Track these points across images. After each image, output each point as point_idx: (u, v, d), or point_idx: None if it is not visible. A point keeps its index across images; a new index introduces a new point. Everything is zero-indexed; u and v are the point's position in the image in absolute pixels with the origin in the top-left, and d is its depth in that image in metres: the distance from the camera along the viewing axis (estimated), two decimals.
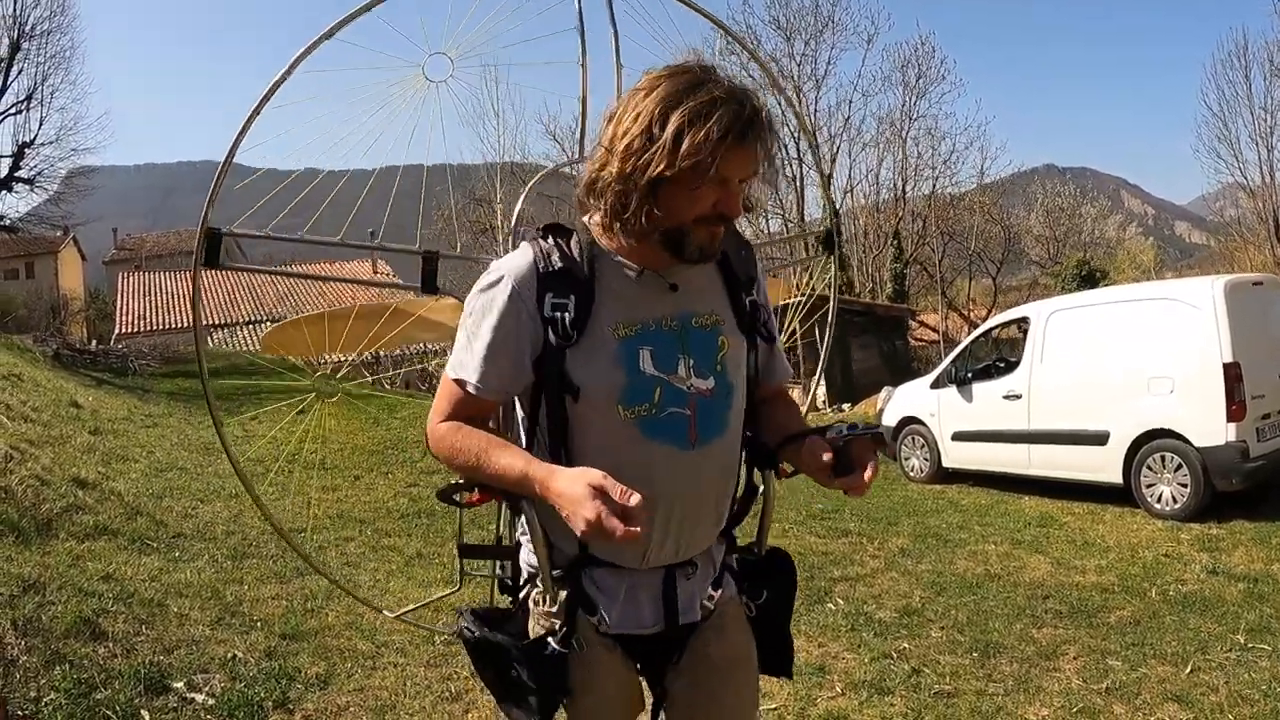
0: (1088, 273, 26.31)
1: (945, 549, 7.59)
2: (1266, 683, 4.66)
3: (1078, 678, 4.84)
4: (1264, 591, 6.18)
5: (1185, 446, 8.21)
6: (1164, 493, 8.39)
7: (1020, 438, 9.63)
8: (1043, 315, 9.74)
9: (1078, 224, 44.14)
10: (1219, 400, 7.99)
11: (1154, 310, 8.80)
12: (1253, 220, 33.12)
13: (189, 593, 5.47)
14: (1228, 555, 7.13)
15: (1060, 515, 8.73)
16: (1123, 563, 7.03)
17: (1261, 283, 9.13)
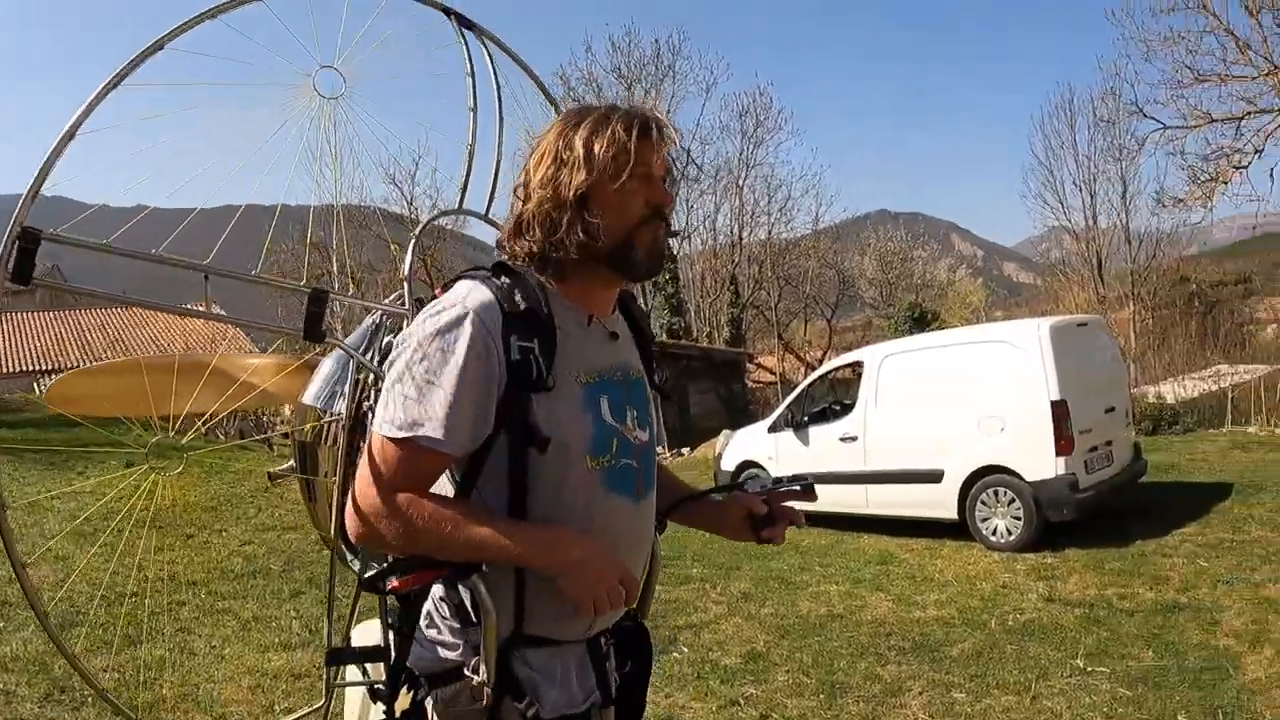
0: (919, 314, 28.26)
1: (788, 591, 8.12)
2: (1107, 704, 5.26)
3: (924, 712, 5.32)
4: (1099, 616, 6.89)
5: (1017, 481, 9.08)
6: (998, 526, 9.21)
7: (857, 478, 10.34)
8: (876, 359, 10.56)
9: (909, 267, 47.75)
10: (1047, 436, 8.89)
11: (983, 352, 9.77)
12: (1077, 261, 36.67)
13: (15, 667, 5.46)
14: (1063, 583, 7.86)
15: (899, 552, 9.39)
16: (962, 596, 7.67)
17: (1086, 323, 10.24)
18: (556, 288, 1.85)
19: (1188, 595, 7.32)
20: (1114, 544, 8.98)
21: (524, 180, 1.87)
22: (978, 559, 8.97)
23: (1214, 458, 14.37)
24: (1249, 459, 14.05)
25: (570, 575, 1.71)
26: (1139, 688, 5.54)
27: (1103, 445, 9.54)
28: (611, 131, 1.79)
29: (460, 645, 1.83)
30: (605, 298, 1.96)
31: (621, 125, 1.81)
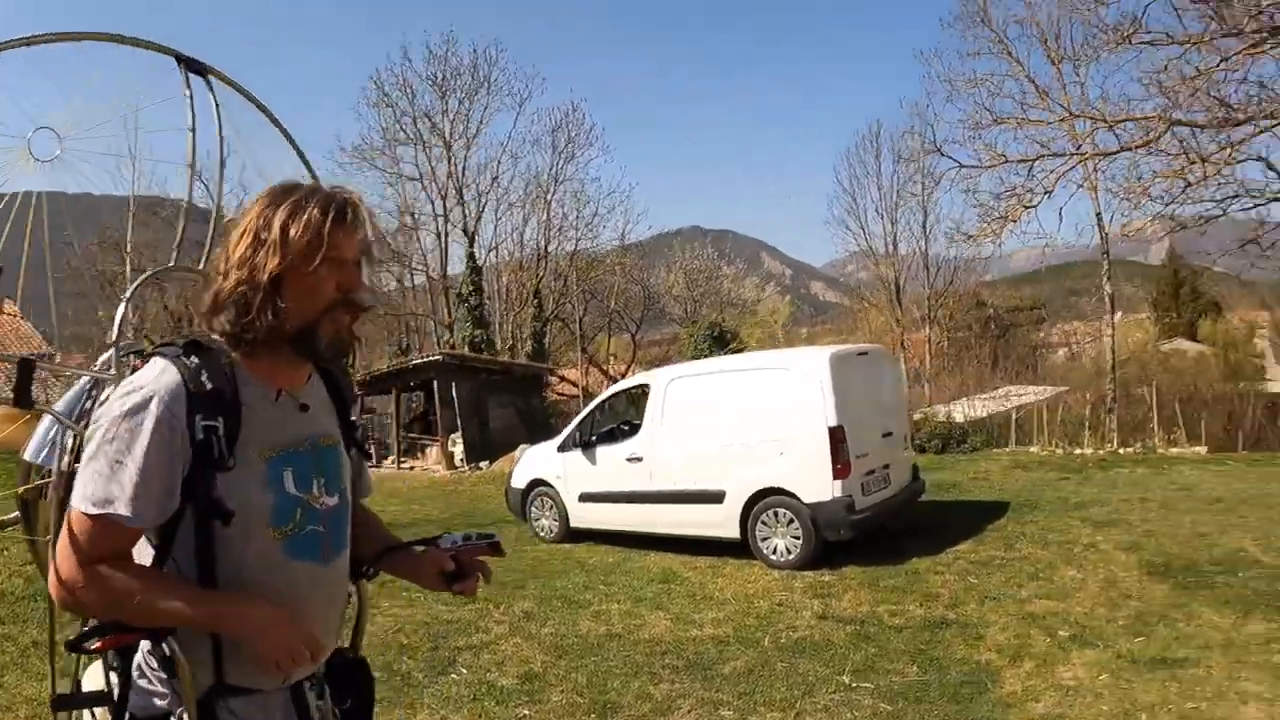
0: (719, 333, 28.89)
1: (570, 610, 8.19)
2: (868, 719, 5.53)
3: None
4: (870, 632, 7.15)
5: (796, 503, 9.40)
6: (779, 545, 9.50)
7: (643, 498, 10.57)
8: (662, 382, 10.81)
9: (714, 284, 49.06)
10: (825, 461, 9.25)
11: (766, 379, 10.12)
12: (877, 285, 38.42)
13: None
14: (838, 600, 8.14)
15: (683, 570, 9.57)
16: (739, 614, 7.84)
17: (867, 352, 10.73)
18: (245, 364, 1.93)
19: (956, 611, 7.66)
20: (890, 562, 9.35)
21: (224, 256, 1.92)
22: (758, 577, 9.19)
23: (996, 476, 15.18)
24: (1028, 478, 14.90)
25: (253, 641, 1.81)
26: (899, 702, 5.75)
27: (880, 468, 9.99)
28: (307, 216, 1.86)
29: (169, 695, 1.90)
30: (295, 373, 2.04)
31: (318, 209, 1.87)
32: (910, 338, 37.43)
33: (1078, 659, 6.39)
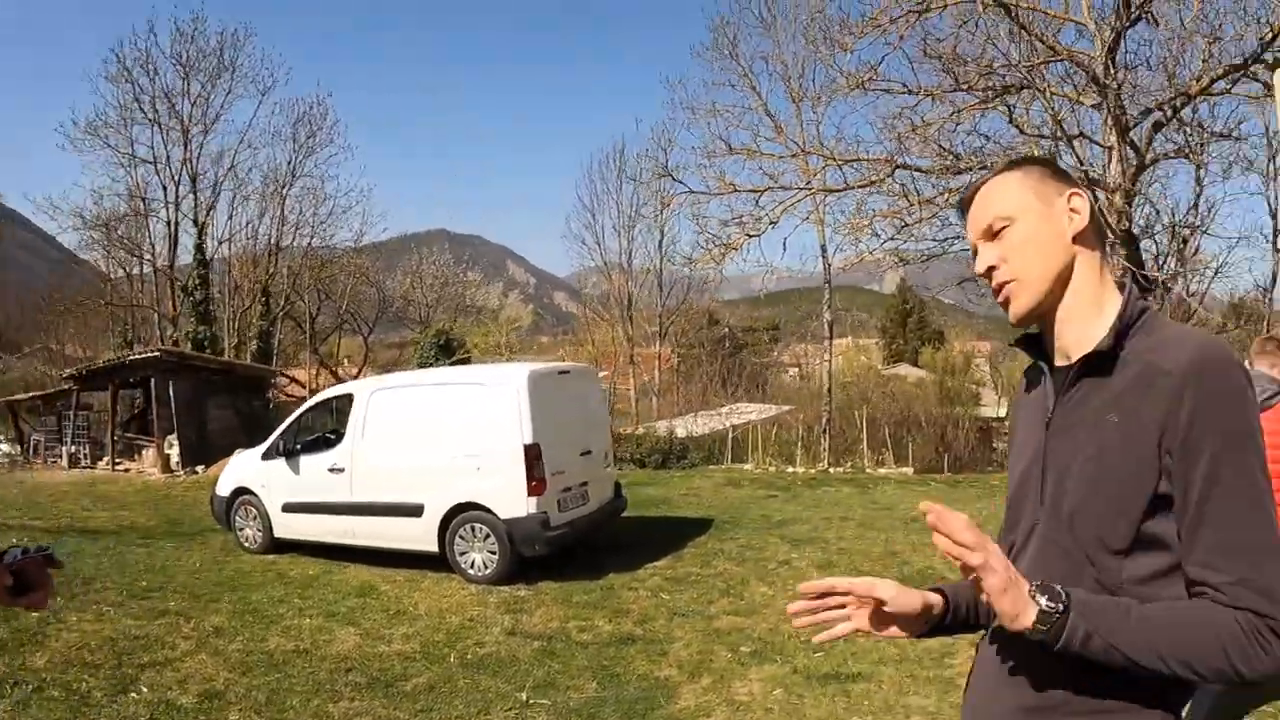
0: (446, 342, 28.84)
1: (261, 625, 8.09)
2: None
3: None
4: (556, 649, 7.34)
5: (492, 518, 9.57)
6: (476, 559, 9.66)
7: (345, 509, 10.53)
8: (366, 392, 10.80)
9: (452, 290, 48.80)
10: (520, 477, 9.47)
11: (466, 394, 10.23)
12: (612, 300, 39.23)
13: None
14: (529, 616, 8.33)
15: (381, 584, 9.59)
16: (429, 630, 7.94)
17: (569, 371, 11.00)
18: None
19: (644, 627, 7.98)
20: (587, 577, 9.65)
21: None
22: (455, 592, 9.31)
23: (706, 493, 15.79)
24: (737, 495, 15.58)
25: None
26: (574, 719, 6.00)
27: (578, 485, 10.29)
28: None
29: None
30: None
31: None
32: (641, 353, 38.36)
33: (755, 674, 6.74)
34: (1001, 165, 1.91)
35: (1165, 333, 1.72)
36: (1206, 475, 1.56)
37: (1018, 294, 1.82)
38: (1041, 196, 1.82)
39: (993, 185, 1.88)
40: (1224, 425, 1.57)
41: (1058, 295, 1.82)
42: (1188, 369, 1.59)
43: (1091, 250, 1.85)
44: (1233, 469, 1.56)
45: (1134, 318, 1.76)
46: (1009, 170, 1.88)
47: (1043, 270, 1.79)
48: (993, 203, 1.85)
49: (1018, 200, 1.82)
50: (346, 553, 10.76)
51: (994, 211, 1.84)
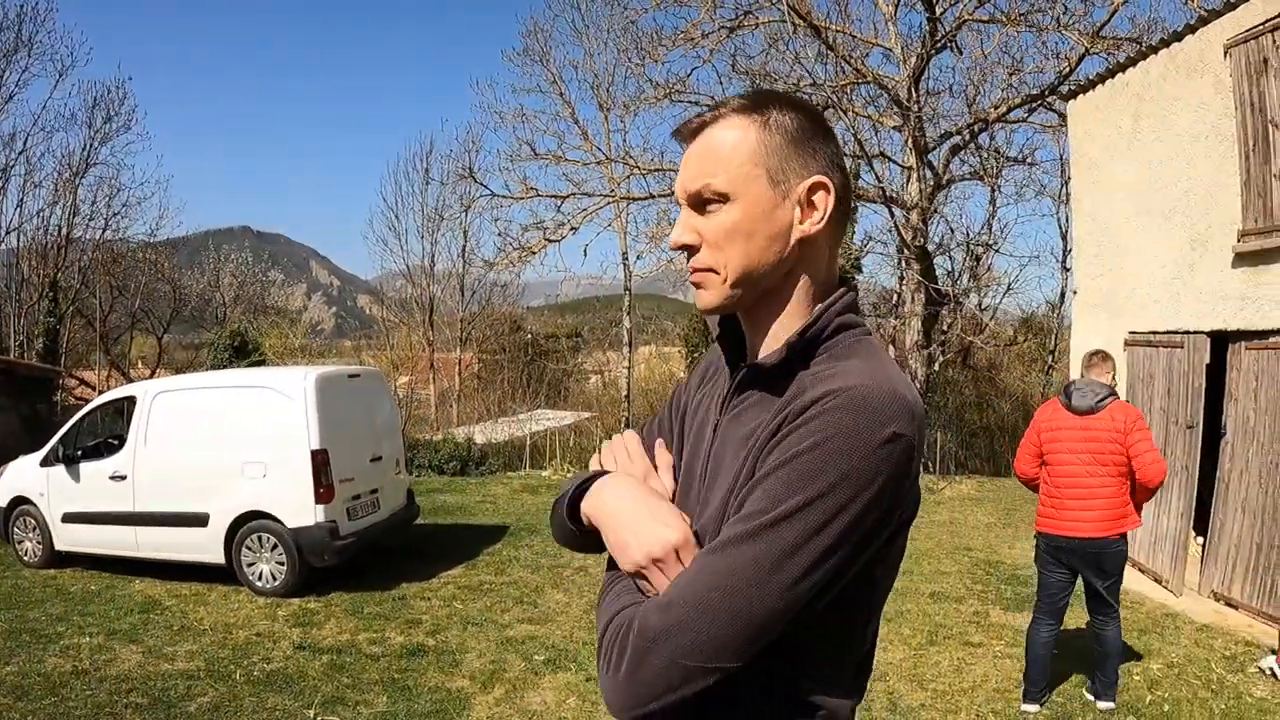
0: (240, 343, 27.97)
1: (38, 645, 7.71)
2: None
3: None
4: (345, 662, 7.28)
5: (279, 527, 9.33)
6: (264, 571, 9.42)
7: (127, 519, 10.06)
8: (149, 395, 10.31)
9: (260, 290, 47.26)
10: (307, 484, 9.26)
11: (251, 397, 9.88)
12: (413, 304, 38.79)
13: None
14: (319, 629, 8.22)
15: (166, 598, 9.28)
16: (215, 646, 7.73)
17: (359, 374, 10.76)
18: None
19: (436, 638, 7.98)
20: (379, 588, 9.59)
21: None
22: (243, 604, 9.10)
23: (504, 500, 15.81)
24: (534, 501, 15.64)
25: None
26: None
27: (368, 493, 10.13)
28: None
29: None
30: None
31: None
32: (442, 358, 38.03)
33: (549, 683, 6.86)
34: (743, 100, 1.54)
35: (841, 364, 1.44)
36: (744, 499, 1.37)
37: (710, 286, 1.53)
38: (776, 176, 1.48)
39: (721, 135, 1.51)
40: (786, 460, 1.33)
41: (755, 299, 1.55)
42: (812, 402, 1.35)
43: (817, 255, 1.56)
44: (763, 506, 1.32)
45: (825, 333, 1.51)
46: (751, 116, 1.51)
47: (745, 272, 1.50)
48: (713, 163, 1.50)
49: (744, 174, 1.48)
50: (132, 565, 10.33)
51: (709, 179, 1.49)
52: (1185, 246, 9.57)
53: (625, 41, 23.07)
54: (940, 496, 16.54)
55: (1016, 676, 6.85)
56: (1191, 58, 9.52)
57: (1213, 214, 9.16)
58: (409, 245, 38.43)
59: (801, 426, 1.34)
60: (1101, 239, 11.15)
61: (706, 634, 1.30)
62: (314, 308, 63.80)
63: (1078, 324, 11.85)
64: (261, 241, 73.63)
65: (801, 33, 18.25)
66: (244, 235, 73.09)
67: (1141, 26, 17.92)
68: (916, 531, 12.72)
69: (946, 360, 22.79)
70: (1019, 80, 18.74)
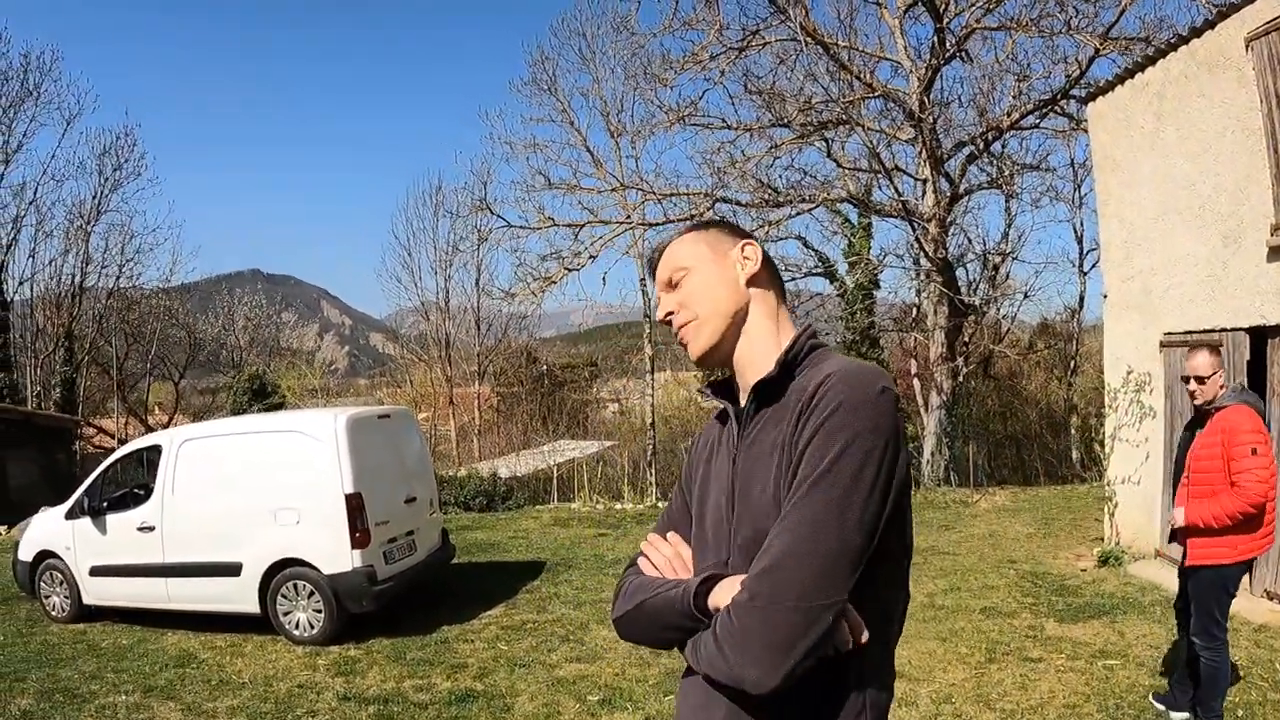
0: (260, 386, 27.77)
1: (73, 706, 7.39)
2: None
3: None
4: (392, 712, 6.96)
5: (315, 574, 9.04)
6: (300, 619, 9.13)
7: (157, 571, 9.77)
8: (174, 444, 10.04)
9: (274, 332, 47.35)
10: (343, 529, 8.98)
11: (281, 442, 9.60)
12: (429, 340, 38.69)
13: None
14: (362, 678, 7.91)
15: (201, 651, 8.98)
16: (256, 699, 7.41)
17: (389, 415, 10.47)
18: None
19: (484, 681, 7.67)
20: (419, 632, 9.28)
21: None
22: (281, 654, 8.81)
23: (535, 534, 15.52)
24: (567, 534, 15.36)
25: None
26: None
27: (403, 535, 9.83)
28: None
29: None
30: None
31: None
32: (461, 393, 37.84)
33: None
34: (684, 229, 2.13)
35: (823, 364, 1.83)
36: (795, 478, 1.68)
37: (694, 334, 1.99)
38: (714, 248, 2.03)
39: (674, 245, 2.08)
40: (812, 434, 1.67)
41: (733, 337, 1.99)
42: (816, 388, 1.72)
43: (766, 292, 2.03)
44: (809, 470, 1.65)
45: (803, 352, 1.90)
46: (689, 231, 2.10)
47: (714, 309, 1.97)
48: (673, 258, 2.05)
49: (692, 252, 2.03)
50: (163, 617, 10.05)
51: (673, 265, 2.04)
52: (1217, 243, 9.34)
53: (634, 67, 22.99)
54: (976, 509, 16.19)
55: (1084, 691, 6.61)
56: (1212, 53, 9.34)
57: (1243, 209, 8.96)
58: (423, 281, 38.46)
59: (817, 405, 1.69)
60: (1129, 241, 10.92)
61: (811, 575, 1.57)
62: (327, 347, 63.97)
63: (1110, 327, 11.59)
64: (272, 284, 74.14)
65: (810, 50, 18.10)
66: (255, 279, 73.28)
67: (1150, 26, 17.63)
68: (959, 546, 12.44)
69: (969, 371, 22.52)
70: (1028, 86, 18.55)
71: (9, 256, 34.22)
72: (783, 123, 19.56)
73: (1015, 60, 18.68)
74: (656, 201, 21.80)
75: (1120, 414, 11.26)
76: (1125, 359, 11.03)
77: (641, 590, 1.96)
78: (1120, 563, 10.56)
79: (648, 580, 1.99)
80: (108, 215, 36.56)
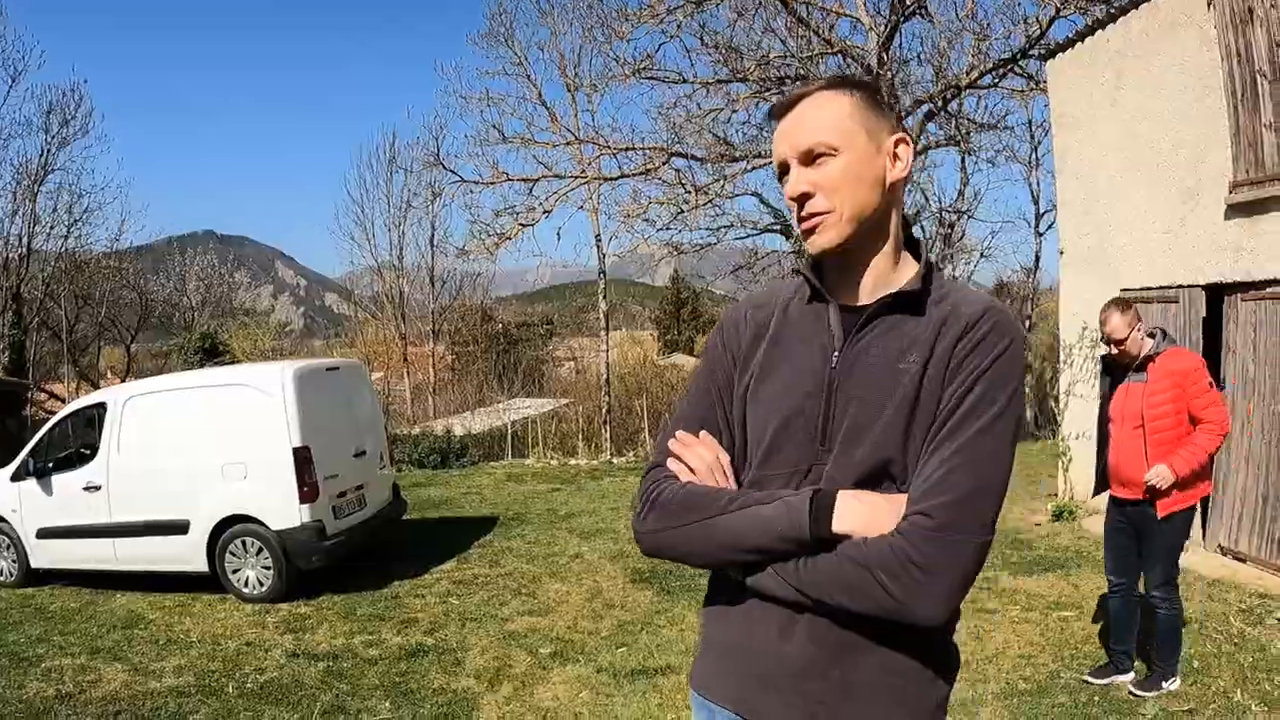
0: (211, 345, 27.41)
1: (18, 670, 7.29)
2: None
3: None
4: (342, 668, 6.91)
5: (263, 530, 8.91)
6: (249, 576, 9.01)
7: (104, 531, 9.60)
8: (119, 401, 9.82)
9: (226, 293, 46.66)
10: (291, 483, 8.84)
11: (228, 396, 9.39)
12: (383, 298, 38.34)
13: None
14: (312, 634, 7.84)
15: (149, 611, 8.84)
16: (204, 659, 7.33)
17: (338, 368, 10.35)
18: None
19: (435, 636, 7.64)
20: (370, 588, 9.21)
21: None
22: (230, 613, 8.70)
23: (489, 490, 15.46)
24: (520, 490, 15.32)
25: None
26: None
27: (353, 490, 9.71)
28: None
29: None
30: None
31: None
32: (415, 352, 37.60)
33: (559, 676, 6.55)
34: (828, 80, 1.84)
35: (956, 286, 1.84)
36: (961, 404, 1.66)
37: (827, 228, 1.78)
38: (872, 134, 1.78)
39: (821, 104, 1.79)
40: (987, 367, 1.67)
41: (862, 237, 1.80)
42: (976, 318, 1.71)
43: (898, 200, 1.86)
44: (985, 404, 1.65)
45: (934, 268, 1.84)
46: (839, 90, 1.81)
47: (856, 208, 1.76)
48: (819, 125, 1.77)
49: (846, 129, 1.76)
50: (112, 579, 9.90)
51: (819, 137, 1.76)
52: (1176, 201, 9.36)
53: (591, 20, 22.66)
54: None
55: (1039, 641, 6.67)
56: (1174, 11, 9.33)
57: (1202, 167, 8.97)
58: (376, 239, 37.81)
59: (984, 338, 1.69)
60: (1088, 198, 10.94)
61: (993, 511, 1.65)
62: (281, 308, 63.35)
63: (1066, 284, 11.65)
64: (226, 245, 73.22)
65: (769, 5, 17.94)
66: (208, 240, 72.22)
67: None
68: None
69: None
70: (988, 45, 18.49)
71: None
72: (740, 78, 19.40)
73: (974, 19, 18.58)
74: (612, 156, 21.61)
75: (1075, 369, 11.33)
76: (1081, 315, 11.06)
77: (700, 503, 1.81)
78: (1074, 517, 10.64)
79: (704, 490, 1.83)
80: (55, 174, 35.52)
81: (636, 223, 21.29)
